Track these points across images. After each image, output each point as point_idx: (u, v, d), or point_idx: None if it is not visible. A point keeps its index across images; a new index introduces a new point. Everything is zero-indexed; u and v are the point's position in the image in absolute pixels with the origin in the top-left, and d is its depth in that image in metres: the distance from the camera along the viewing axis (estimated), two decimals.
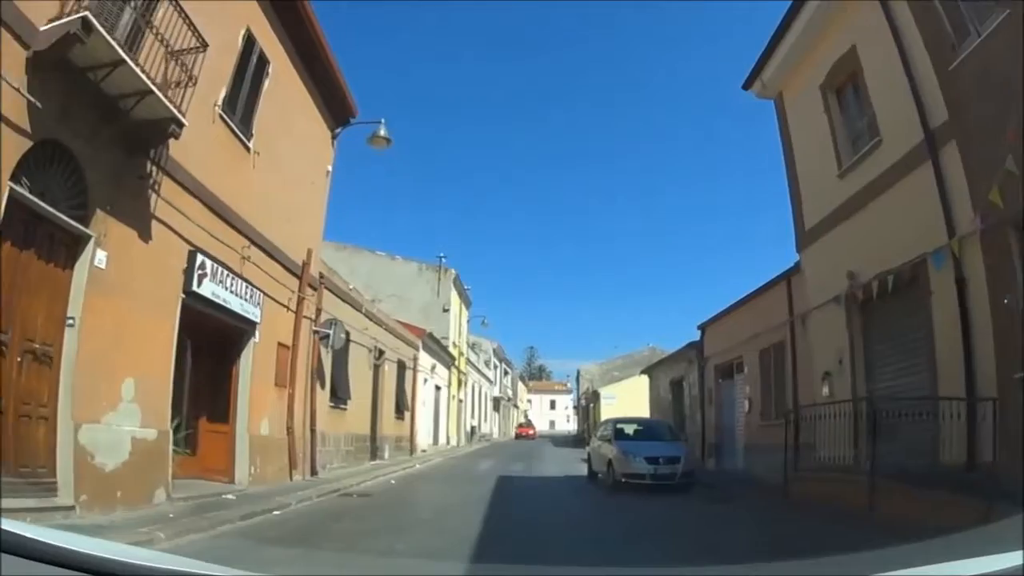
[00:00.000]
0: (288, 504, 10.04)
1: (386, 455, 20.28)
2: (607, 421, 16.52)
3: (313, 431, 14.23)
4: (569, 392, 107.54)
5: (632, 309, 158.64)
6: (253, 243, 11.51)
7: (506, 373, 72.05)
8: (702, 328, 21.00)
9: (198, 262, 9.44)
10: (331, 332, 14.64)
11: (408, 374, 23.35)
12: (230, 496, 9.89)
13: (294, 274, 13.60)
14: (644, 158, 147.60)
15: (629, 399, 40.79)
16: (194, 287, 9.31)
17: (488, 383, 55.36)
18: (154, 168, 8.34)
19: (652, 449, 13.99)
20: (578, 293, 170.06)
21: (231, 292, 10.63)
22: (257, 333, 11.79)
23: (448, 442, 32.50)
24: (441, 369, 30.47)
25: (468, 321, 43.17)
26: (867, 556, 5.19)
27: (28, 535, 1.30)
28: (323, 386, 15.21)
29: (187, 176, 9.04)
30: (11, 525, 1.31)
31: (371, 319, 18.99)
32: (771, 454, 14.57)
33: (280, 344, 12.91)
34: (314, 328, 14.48)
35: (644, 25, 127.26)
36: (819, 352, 13.15)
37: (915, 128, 9.71)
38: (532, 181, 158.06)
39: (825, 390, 12.55)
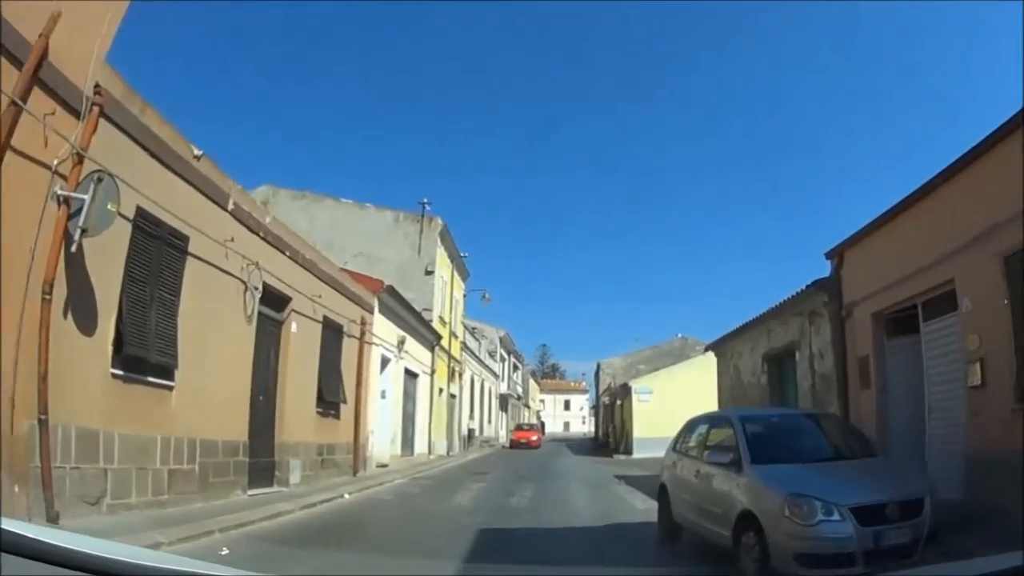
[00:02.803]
0: None
1: (293, 478, 11.89)
2: (710, 419, 8.05)
3: (43, 421, 6.13)
4: (585, 392, 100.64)
5: (656, 299, 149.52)
6: None
7: (516, 368, 63.56)
8: (837, 256, 12.44)
9: None
10: (86, 199, 6.38)
11: (350, 346, 14.98)
12: None
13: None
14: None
15: (669, 394, 32.26)
16: None
17: (493, 377, 46.91)
18: None
19: (860, 489, 5.66)
20: (592, 285, 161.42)
21: None
22: None
23: (431, 451, 24.04)
24: (418, 349, 22.05)
25: (465, 296, 34.74)
26: None
27: (28, 535, 1.28)
28: (91, 329, 6.98)
29: None
30: (11, 525, 1.29)
31: (252, 228, 10.63)
32: None
33: None
34: (60, 191, 6.32)
35: None
36: None
37: None
38: (543, 163, 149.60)
39: None
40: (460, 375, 32.58)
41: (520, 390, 65.52)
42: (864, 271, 11.68)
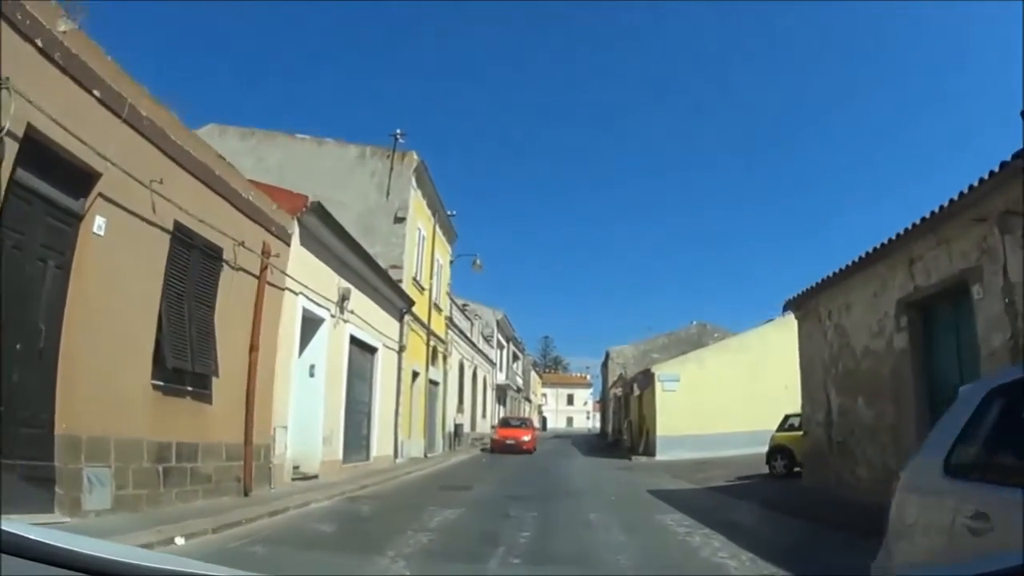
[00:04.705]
0: None
1: (94, 500, 6.52)
2: None
3: None
4: (589, 386, 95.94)
5: (665, 289, 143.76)
6: None
7: (515, 357, 58.14)
8: None
9: None
10: None
11: (237, 285, 9.49)
12: None
13: None
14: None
15: (701, 383, 26.80)
16: None
17: (488, 365, 41.47)
18: None
19: None
20: (597, 275, 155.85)
21: None
22: None
23: (399, 453, 18.56)
24: (377, 313, 16.56)
25: (452, 262, 29.21)
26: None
27: (28, 535, 1.27)
28: None
29: None
30: (11, 525, 1.27)
31: (16, 25, 5.16)
32: None
33: None
34: None
35: None
36: None
37: None
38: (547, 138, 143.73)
39: None
40: (445, 358, 27.10)
41: (520, 381, 60.10)
42: None
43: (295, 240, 11.28)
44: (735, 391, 26.23)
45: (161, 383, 7.86)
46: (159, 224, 7.85)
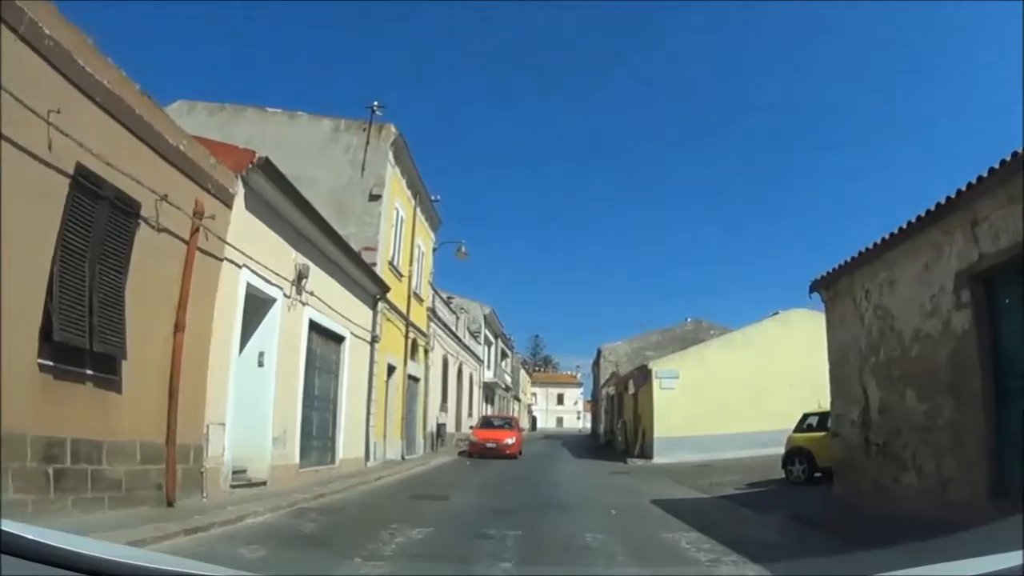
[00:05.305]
0: None
1: None
2: None
3: None
4: (579, 385, 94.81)
5: (659, 289, 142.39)
6: None
7: (504, 355, 56.59)
8: None
9: None
10: None
11: (165, 249, 7.89)
12: None
13: None
14: None
15: (702, 381, 25.37)
16: None
17: (475, 362, 39.88)
18: None
19: None
20: (588, 272, 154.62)
21: None
22: None
23: (371, 456, 16.93)
24: (345, 298, 14.96)
25: (435, 250, 27.58)
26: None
27: (28, 536, 1.29)
28: None
29: None
30: (11, 526, 1.28)
31: None
32: None
33: None
34: None
35: None
36: None
37: None
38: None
39: None
40: (427, 352, 25.49)
41: (509, 380, 58.53)
42: None
43: (238, 202, 9.67)
44: (738, 389, 24.85)
45: (51, 363, 6.26)
46: (55, 166, 6.26)
